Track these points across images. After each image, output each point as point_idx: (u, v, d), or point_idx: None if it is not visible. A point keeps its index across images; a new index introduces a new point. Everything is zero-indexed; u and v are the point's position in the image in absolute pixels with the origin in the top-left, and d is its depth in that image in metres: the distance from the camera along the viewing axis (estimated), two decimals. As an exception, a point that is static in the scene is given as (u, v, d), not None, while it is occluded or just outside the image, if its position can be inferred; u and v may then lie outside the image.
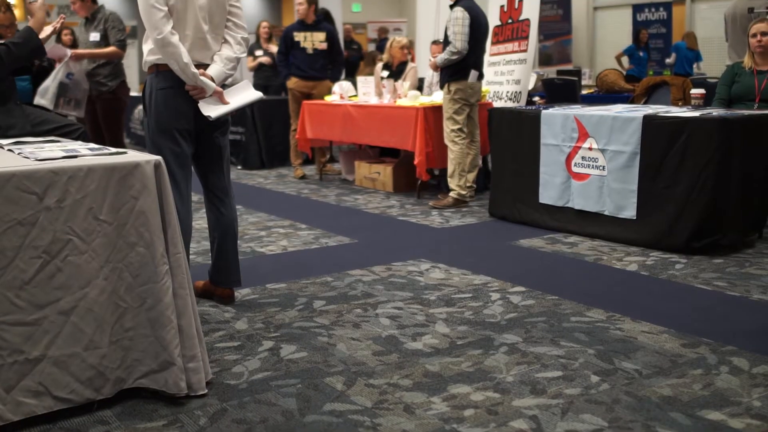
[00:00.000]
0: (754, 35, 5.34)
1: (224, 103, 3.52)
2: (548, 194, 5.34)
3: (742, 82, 5.38)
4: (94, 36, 6.28)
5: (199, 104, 3.47)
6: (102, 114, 6.38)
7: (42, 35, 3.97)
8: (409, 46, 8.53)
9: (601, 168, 4.95)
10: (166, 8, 3.34)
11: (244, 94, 3.64)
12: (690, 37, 11.75)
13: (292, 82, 7.99)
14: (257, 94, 3.69)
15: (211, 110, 3.47)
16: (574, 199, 5.17)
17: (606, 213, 4.96)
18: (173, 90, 3.45)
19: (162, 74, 3.45)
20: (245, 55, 3.77)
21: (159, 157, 2.67)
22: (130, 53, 14.92)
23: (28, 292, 2.44)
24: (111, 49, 6.24)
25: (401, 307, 3.72)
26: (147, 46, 3.46)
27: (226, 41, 3.60)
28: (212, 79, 3.48)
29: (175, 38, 3.35)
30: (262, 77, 9.62)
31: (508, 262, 4.58)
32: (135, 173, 2.59)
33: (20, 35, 3.75)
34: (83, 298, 2.52)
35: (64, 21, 4.33)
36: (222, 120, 3.60)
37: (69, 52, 5.78)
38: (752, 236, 4.83)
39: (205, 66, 3.52)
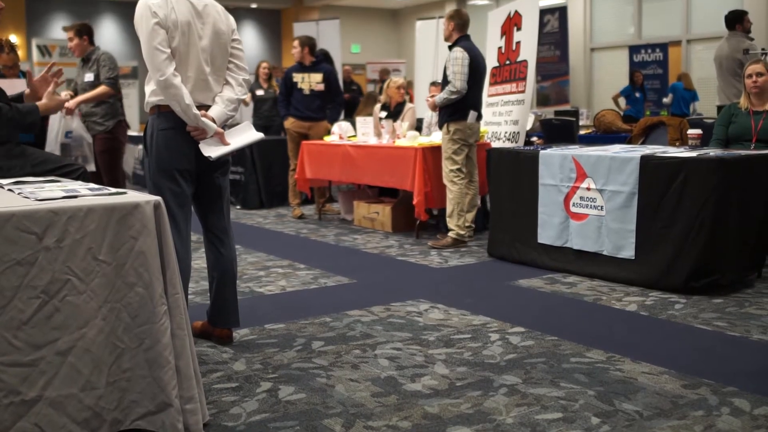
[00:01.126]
0: (750, 76, 5.39)
1: (225, 143, 3.55)
2: (547, 234, 5.34)
3: (738, 122, 5.42)
4: (89, 76, 6.35)
5: (199, 145, 3.50)
6: (99, 154, 6.41)
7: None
8: (407, 86, 8.59)
9: (599, 208, 4.96)
10: (168, 50, 3.38)
11: (245, 135, 3.67)
12: (686, 77, 11.86)
13: (289, 122, 8.06)
14: (258, 135, 3.72)
15: (211, 151, 3.50)
16: (572, 239, 5.17)
17: (605, 253, 4.96)
18: (174, 131, 3.48)
19: (164, 115, 3.48)
20: (246, 96, 3.80)
21: (159, 198, 2.68)
22: (131, 93, 14.99)
23: (26, 332, 2.43)
24: (100, 89, 6.29)
25: (400, 347, 3.70)
26: (149, 87, 3.50)
27: (227, 82, 3.64)
28: (213, 120, 3.51)
29: (178, 80, 3.39)
30: (263, 117, 9.69)
31: (507, 302, 4.57)
32: (135, 213, 2.59)
33: (27, 107, 3.78)
34: (81, 339, 2.51)
35: (61, 73, 4.34)
36: (222, 160, 3.63)
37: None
38: (751, 276, 4.83)
39: (207, 107, 3.55)
